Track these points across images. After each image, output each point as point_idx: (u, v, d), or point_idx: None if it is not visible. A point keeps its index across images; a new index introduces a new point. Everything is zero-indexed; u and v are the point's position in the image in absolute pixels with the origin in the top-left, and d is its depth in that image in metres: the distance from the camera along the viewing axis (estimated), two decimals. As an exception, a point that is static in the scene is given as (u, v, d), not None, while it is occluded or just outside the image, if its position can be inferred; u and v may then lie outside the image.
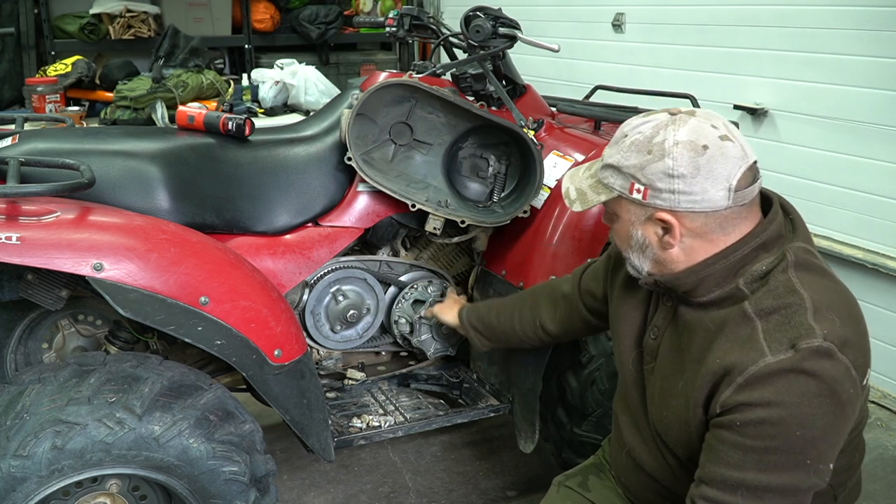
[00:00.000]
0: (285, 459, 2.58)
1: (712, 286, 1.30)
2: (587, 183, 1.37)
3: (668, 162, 1.23)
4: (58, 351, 2.20)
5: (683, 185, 1.23)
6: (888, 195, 2.93)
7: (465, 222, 2.13)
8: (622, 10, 4.12)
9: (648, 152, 1.26)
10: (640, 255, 1.35)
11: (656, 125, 1.28)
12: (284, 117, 4.76)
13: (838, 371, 1.17)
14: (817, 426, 1.16)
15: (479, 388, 2.34)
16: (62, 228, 1.55)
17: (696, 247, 1.29)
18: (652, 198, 1.26)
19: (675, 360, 1.37)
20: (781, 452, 1.17)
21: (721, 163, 1.23)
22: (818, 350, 1.16)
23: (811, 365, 1.15)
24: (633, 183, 1.28)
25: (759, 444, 1.18)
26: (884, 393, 3.05)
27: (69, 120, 2.35)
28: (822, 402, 1.16)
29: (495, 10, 2.16)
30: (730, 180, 1.23)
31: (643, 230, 1.31)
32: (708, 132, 1.25)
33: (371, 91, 2.03)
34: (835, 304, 1.23)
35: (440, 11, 5.79)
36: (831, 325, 1.19)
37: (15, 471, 1.48)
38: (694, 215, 1.26)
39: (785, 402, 1.16)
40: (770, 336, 1.20)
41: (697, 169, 1.22)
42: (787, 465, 1.18)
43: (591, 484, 1.68)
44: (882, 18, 2.86)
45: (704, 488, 1.24)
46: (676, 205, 1.25)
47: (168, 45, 4.74)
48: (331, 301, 2.19)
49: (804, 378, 1.15)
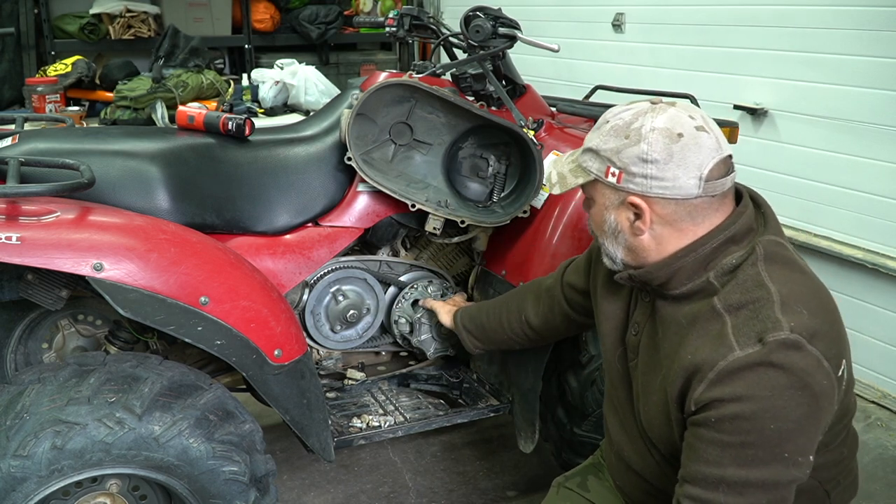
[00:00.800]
0: (285, 459, 2.58)
1: (684, 279, 1.31)
2: (568, 167, 1.40)
3: (643, 147, 1.26)
4: (58, 351, 2.20)
5: (656, 171, 1.26)
6: (888, 195, 2.93)
7: (464, 222, 2.13)
8: (622, 10, 4.12)
9: (626, 137, 1.28)
10: (613, 241, 1.37)
11: (636, 112, 1.31)
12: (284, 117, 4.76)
13: (808, 363, 1.18)
14: (791, 419, 1.17)
15: (479, 388, 2.34)
16: (62, 228, 1.55)
17: (665, 235, 1.31)
18: (625, 181, 1.29)
19: (653, 355, 1.38)
20: (757, 447, 1.18)
21: (694, 151, 1.25)
22: (785, 342, 1.17)
23: (779, 357, 1.17)
24: (609, 166, 1.30)
25: (736, 440, 1.19)
26: (884, 393, 3.05)
27: (69, 120, 2.35)
28: (793, 395, 1.17)
29: (495, 10, 2.16)
30: (701, 169, 1.25)
31: (616, 215, 1.33)
32: (685, 121, 1.27)
33: (371, 91, 2.03)
34: (804, 297, 1.24)
35: (440, 11, 5.79)
36: (799, 318, 1.20)
37: (15, 471, 1.48)
38: (664, 202, 1.28)
39: (756, 396, 1.17)
40: (738, 331, 1.21)
41: (671, 155, 1.25)
42: (764, 458, 1.18)
43: (591, 484, 1.69)
44: (882, 18, 2.86)
45: (687, 487, 1.25)
46: (648, 190, 1.27)
47: (168, 45, 4.74)
48: (331, 301, 2.19)
49: (773, 371, 1.17)
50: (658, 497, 1.47)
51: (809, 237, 3.19)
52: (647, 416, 1.40)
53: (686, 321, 1.30)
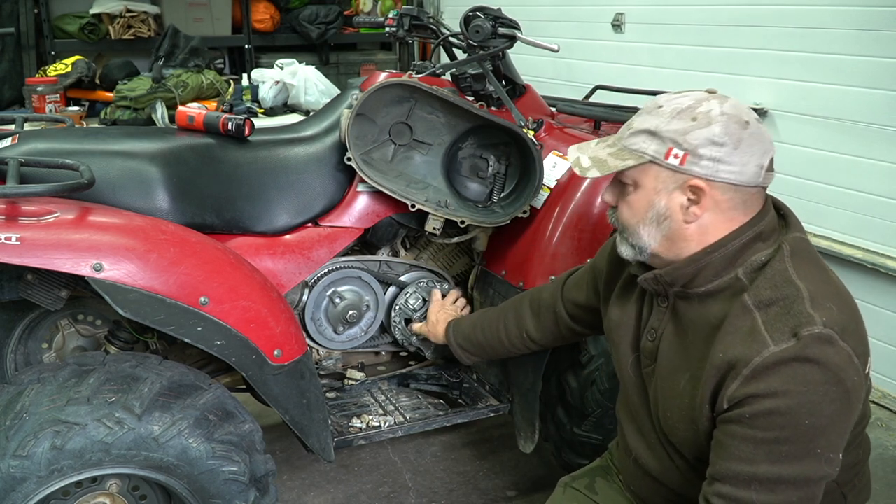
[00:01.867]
0: (285, 459, 2.58)
1: (711, 276, 1.30)
2: (607, 151, 1.35)
3: (714, 129, 1.24)
4: (58, 351, 2.20)
5: (725, 154, 1.24)
6: (888, 195, 2.93)
7: (464, 222, 2.13)
8: (622, 10, 4.12)
9: (693, 119, 1.26)
10: (654, 227, 1.32)
11: (697, 98, 1.29)
12: (284, 117, 4.76)
13: (841, 358, 1.17)
14: (825, 414, 1.17)
15: (479, 388, 2.34)
16: (62, 229, 1.55)
17: (715, 223, 1.29)
18: (690, 164, 1.26)
19: (677, 359, 1.36)
20: (792, 442, 1.18)
21: (759, 140, 1.26)
22: (819, 336, 1.17)
23: (814, 352, 1.16)
24: (671, 148, 1.26)
25: (769, 436, 1.18)
26: (884, 393, 3.05)
27: (69, 120, 2.35)
28: (828, 390, 1.16)
29: (495, 10, 2.16)
30: (763, 158, 1.26)
31: (668, 199, 1.29)
32: (747, 111, 1.28)
33: (371, 91, 2.03)
34: (830, 294, 1.24)
35: (440, 11, 5.79)
36: (829, 313, 1.20)
37: (14, 471, 1.48)
38: (727, 187, 1.26)
39: (791, 391, 1.16)
40: (771, 326, 1.20)
41: (741, 141, 1.24)
42: (798, 454, 1.18)
43: (599, 486, 1.67)
44: (882, 18, 2.86)
45: (718, 485, 1.24)
46: (714, 173, 1.25)
47: (168, 45, 4.74)
48: (330, 301, 2.19)
49: (809, 366, 1.16)
50: (677, 502, 1.46)
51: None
52: (668, 421, 1.39)
53: (715, 320, 1.29)
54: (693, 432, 1.33)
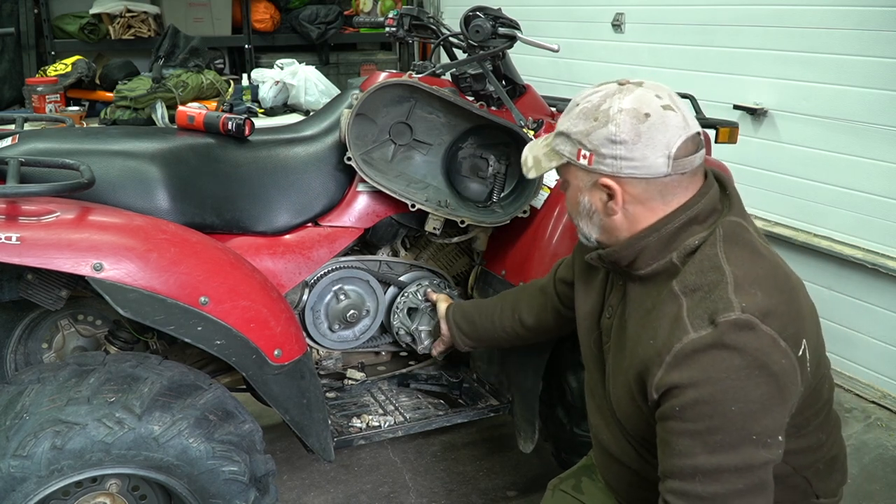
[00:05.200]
0: (285, 459, 2.58)
1: (649, 259, 1.33)
2: (542, 151, 1.41)
3: (611, 128, 1.27)
4: (58, 351, 2.20)
5: (625, 151, 1.27)
6: (888, 195, 2.93)
7: (464, 222, 2.13)
8: (622, 10, 4.12)
9: (595, 119, 1.29)
10: (588, 221, 1.38)
11: (604, 94, 1.31)
12: (284, 117, 4.75)
13: (762, 342, 1.18)
14: (752, 399, 1.17)
15: (479, 388, 2.34)
16: (62, 228, 1.55)
17: (638, 214, 1.32)
18: (597, 163, 1.30)
19: (621, 337, 1.40)
20: (723, 431, 1.18)
21: (661, 131, 1.26)
22: (736, 322, 1.18)
23: (731, 338, 1.17)
24: (580, 149, 1.31)
25: (701, 426, 1.19)
26: (884, 393, 3.05)
27: (69, 120, 2.35)
28: (750, 374, 1.17)
29: (495, 10, 2.16)
30: (669, 148, 1.26)
31: (589, 196, 1.35)
32: (651, 101, 1.28)
33: (371, 91, 2.03)
34: (759, 278, 1.25)
35: (440, 11, 5.79)
36: (752, 298, 1.21)
37: (14, 471, 1.48)
38: (635, 181, 1.29)
39: (712, 379, 1.17)
40: (692, 313, 1.22)
41: (639, 135, 1.26)
42: (732, 442, 1.18)
43: (584, 486, 1.69)
44: (882, 18, 2.86)
45: (668, 482, 1.25)
46: (619, 170, 1.29)
47: (168, 45, 4.74)
48: (331, 301, 2.19)
49: (726, 352, 1.17)
50: (640, 485, 1.47)
51: (809, 237, 3.19)
52: (615, 397, 1.42)
53: (650, 304, 1.32)
54: (634, 409, 1.35)
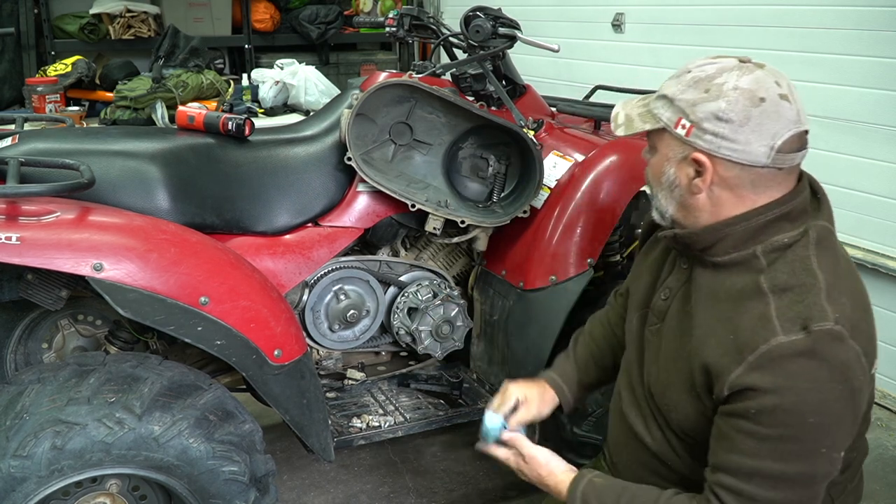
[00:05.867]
0: (285, 459, 2.58)
1: (730, 247, 1.28)
2: (637, 111, 1.34)
3: (721, 104, 1.22)
4: (58, 351, 2.20)
5: (729, 131, 1.21)
6: (888, 195, 2.93)
7: (464, 222, 2.13)
8: (622, 10, 4.12)
9: (705, 91, 1.24)
10: (668, 194, 1.32)
11: (721, 67, 1.26)
12: (284, 117, 4.75)
13: (849, 356, 1.16)
14: (831, 412, 1.15)
15: (479, 388, 2.34)
16: (62, 228, 1.55)
17: (723, 199, 1.27)
18: (694, 136, 1.24)
19: (685, 322, 1.34)
20: (797, 441, 1.16)
21: (773, 119, 1.21)
22: (830, 333, 1.15)
23: (822, 348, 1.14)
24: (680, 118, 1.26)
25: (775, 433, 1.17)
26: (884, 393, 3.05)
27: (69, 120, 2.35)
28: (833, 388, 1.15)
29: (495, 10, 2.16)
30: (775, 139, 1.21)
31: (676, 169, 1.29)
32: (770, 87, 1.22)
33: (371, 91, 2.03)
34: (847, 289, 1.22)
35: (440, 11, 5.79)
36: (843, 309, 1.18)
37: (15, 471, 1.48)
38: (730, 164, 1.23)
39: (797, 388, 1.14)
40: (782, 315, 1.18)
41: (748, 119, 1.21)
42: (802, 453, 1.17)
43: None
44: (882, 18, 2.86)
45: (721, 476, 1.23)
46: (716, 149, 1.23)
47: (168, 45, 4.74)
48: (331, 301, 2.19)
49: (816, 362, 1.14)
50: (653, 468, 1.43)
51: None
52: (661, 381, 1.37)
53: (726, 295, 1.27)
54: (686, 398, 1.31)
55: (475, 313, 2.33)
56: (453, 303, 2.29)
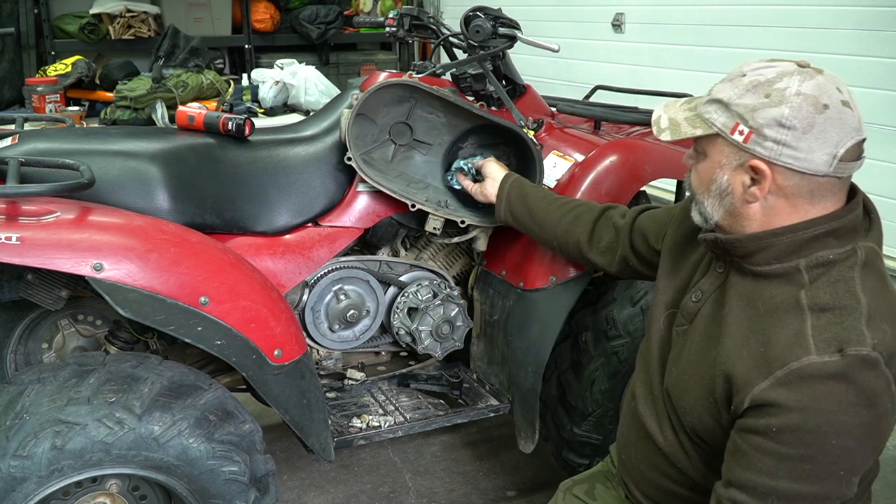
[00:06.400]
0: (285, 459, 2.58)
1: (772, 258, 1.25)
2: (683, 115, 1.31)
3: (784, 110, 1.18)
4: (58, 351, 2.20)
5: (791, 138, 1.18)
6: (888, 195, 2.93)
7: (464, 222, 2.13)
8: (622, 10, 4.12)
9: (766, 96, 1.20)
10: (716, 201, 1.29)
11: (781, 71, 1.22)
12: (284, 117, 4.76)
13: (880, 383, 1.13)
14: (854, 436, 1.13)
15: (479, 388, 2.34)
16: (62, 228, 1.55)
17: (777, 208, 1.24)
18: (753, 143, 1.20)
19: (714, 328, 1.32)
20: (816, 461, 1.14)
21: (836, 127, 1.17)
22: (865, 359, 1.12)
23: (855, 374, 1.12)
24: (738, 123, 1.22)
25: (795, 453, 1.15)
26: (884, 393, 3.04)
27: (69, 120, 2.35)
28: (858, 412, 1.12)
29: (495, 11, 2.16)
30: (838, 147, 1.17)
31: (730, 176, 1.25)
32: (832, 93, 1.19)
33: (371, 91, 2.03)
34: (889, 314, 1.18)
35: (440, 11, 5.79)
36: (882, 336, 1.15)
37: (15, 471, 1.48)
38: (790, 172, 1.20)
39: (823, 410, 1.12)
40: (819, 334, 1.15)
41: (812, 126, 1.17)
42: (821, 474, 1.15)
43: (598, 492, 1.66)
44: (882, 18, 2.86)
45: (734, 492, 1.21)
46: (777, 157, 1.19)
47: (168, 45, 4.75)
48: (331, 301, 2.19)
49: (845, 386, 1.12)
50: (661, 469, 1.42)
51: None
52: (681, 384, 1.35)
53: (763, 306, 1.24)
54: (704, 404, 1.30)
55: (475, 313, 2.33)
56: (453, 303, 2.29)
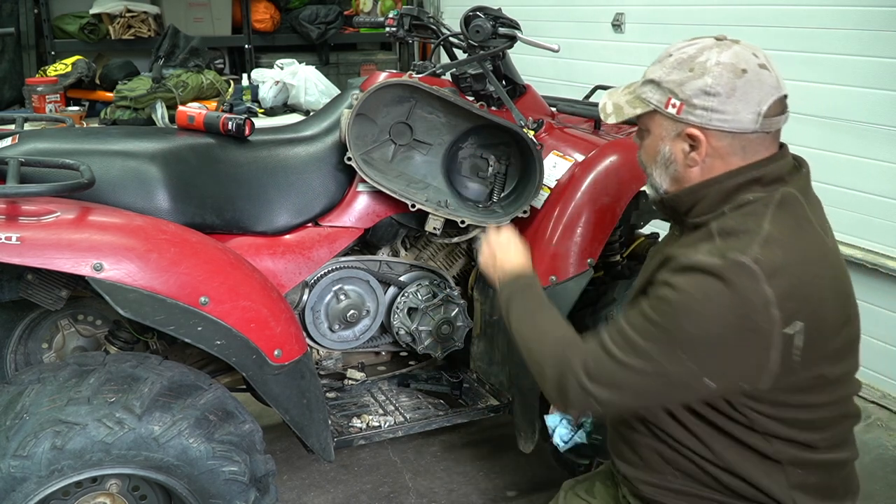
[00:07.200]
0: (285, 459, 2.58)
1: (706, 209, 1.34)
2: (625, 98, 1.42)
3: (707, 80, 1.29)
4: (58, 351, 2.20)
5: (718, 104, 1.29)
6: (888, 195, 2.93)
7: (464, 222, 2.13)
8: (622, 10, 4.12)
9: (690, 70, 1.31)
10: (663, 171, 1.40)
11: (701, 47, 1.33)
12: (284, 117, 4.76)
13: (756, 295, 1.20)
14: (707, 330, 1.22)
15: (479, 388, 2.34)
16: (62, 228, 1.55)
17: (715, 168, 1.34)
18: (686, 113, 1.32)
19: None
20: (664, 331, 1.25)
21: (756, 88, 1.29)
22: (742, 265, 1.21)
23: (732, 277, 1.21)
24: (669, 98, 1.33)
25: (653, 315, 1.27)
26: (884, 393, 3.05)
27: (69, 120, 2.35)
28: (724, 315, 1.20)
29: (495, 10, 2.16)
30: (761, 105, 1.29)
31: (671, 145, 1.36)
32: (749, 58, 1.31)
33: (371, 91, 2.03)
34: (790, 246, 1.25)
35: (440, 11, 5.79)
36: (771, 256, 1.22)
37: (15, 471, 1.48)
38: (722, 134, 1.31)
39: (692, 295, 1.23)
40: (715, 248, 1.26)
41: (734, 90, 1.28)
42: (660, 340, 1.26)
43: (597, 490, 1.67)
44: (882, 18, 2.86)
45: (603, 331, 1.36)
46: (708, 122, 1.31)
47: (168, 45, 4.74)
48: (331, 301, 2.19)
49: (719, 283, 1.21)
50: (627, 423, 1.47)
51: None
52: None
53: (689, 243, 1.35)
54: None
55: (475, 313, 2.33)
56: (453, 303, 2.29)
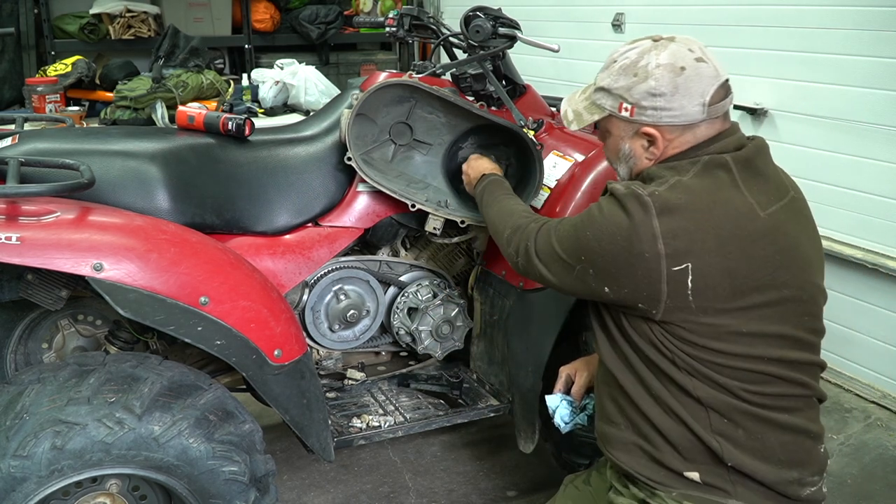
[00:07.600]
0: (285, 459, 2.58)
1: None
2: (582, 105, 1.55)
3: (651, 83, 1.41)
4: (58, 351, 2.20)
5: (664, 102, 1.41)
6: (888, 195, 2.93)
7: (464, 222, 2.13)
8: (622, 10, 4.12)
9: (634, 75, 1.43)
10: (625, 166, 1.53)
11: (641, 51, 1.45)
12: (284, 117, 4.75)
13: (644, 226, 1.34)
14: (601, 245, 1.38)
15: (479, 388, 2.34)
16: (62, 228, 1.55)
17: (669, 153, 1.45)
18: (638, 115, 1.44)
19: None
20: (576, 238, 1.44)
21: (696, 81, 1.40)
22: (636, 195, 1.36)
23: (627, 202, 1.36)
24: (621, 102, 1.45)
25: (577, 221, 1.46)
26: (884, 393, 3.05)
27: (69, 120, 2.35)
28: (615, 233, 1.36)
29: (495, 10, 2.16)
30: (704, 96, 1.41)
31: (630, 143, 1.49)
32: (685, 55, 1.42)
33: (371, 91, 2.03)
34: (698, 198, 1.36)
35: (440, 11, 5.79)
36: (668, 196, 1.36)
37: (15, 471, 1.48)
38: (673, 128, 1.43)
39: (600, 212, 1.40)
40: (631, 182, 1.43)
41: (676, 88, 1.40)
42: (575, 244, 1.44)
43: (593, 480, 1.71)
44: (882, 18, 2.86)
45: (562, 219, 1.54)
46: (659, 120, 1.43)
47: (168, 45, 4.74)
48: (331, 301, 2.19)
49: (618, 207, 1.37)
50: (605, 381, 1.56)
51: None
52: None
53: None
54: None
55: (475, 313, 2.33)
56: (453, 303, 2.29)
